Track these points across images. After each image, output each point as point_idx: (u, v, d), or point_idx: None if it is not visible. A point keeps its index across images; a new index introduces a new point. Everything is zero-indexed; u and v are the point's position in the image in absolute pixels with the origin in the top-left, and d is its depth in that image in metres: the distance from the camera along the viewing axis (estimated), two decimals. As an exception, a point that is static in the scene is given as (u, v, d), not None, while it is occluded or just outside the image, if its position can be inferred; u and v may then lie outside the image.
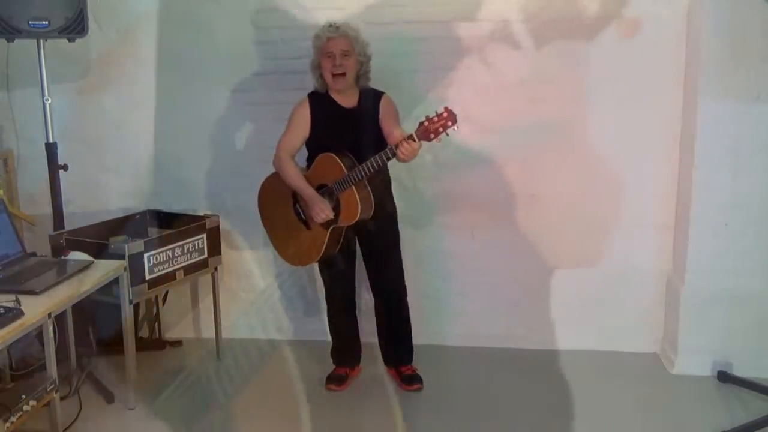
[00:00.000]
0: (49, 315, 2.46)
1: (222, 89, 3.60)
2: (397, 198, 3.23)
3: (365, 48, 3.02)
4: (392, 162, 2.86)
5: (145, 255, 3.07)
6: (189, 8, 3.53)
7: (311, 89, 3.48)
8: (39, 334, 2.64)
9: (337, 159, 2.94)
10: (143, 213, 3.61)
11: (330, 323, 3.33)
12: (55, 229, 3.27)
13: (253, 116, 3.61)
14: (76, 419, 2.92)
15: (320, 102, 3.05)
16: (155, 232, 3.49)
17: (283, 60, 3.52)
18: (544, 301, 3.60)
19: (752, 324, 3.24)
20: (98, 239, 3.13)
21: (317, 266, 3.30)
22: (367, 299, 3.44)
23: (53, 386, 2.52)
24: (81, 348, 3.32)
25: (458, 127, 2.68)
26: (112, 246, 3.03)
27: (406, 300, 3.27)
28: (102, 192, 3.77)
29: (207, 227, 3.38)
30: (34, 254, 3.16)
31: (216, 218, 3.45)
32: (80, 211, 3.70)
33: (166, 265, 3.18)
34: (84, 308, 3.27)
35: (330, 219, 2.97)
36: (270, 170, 3.66)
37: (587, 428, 2.90)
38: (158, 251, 3.14)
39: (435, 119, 2.68)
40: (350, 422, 2.99)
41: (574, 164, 3.44)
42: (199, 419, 3.01)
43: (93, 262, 2.91)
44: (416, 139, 2.70)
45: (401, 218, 3.24)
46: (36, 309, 2.41)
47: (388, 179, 3.16)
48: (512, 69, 3.40)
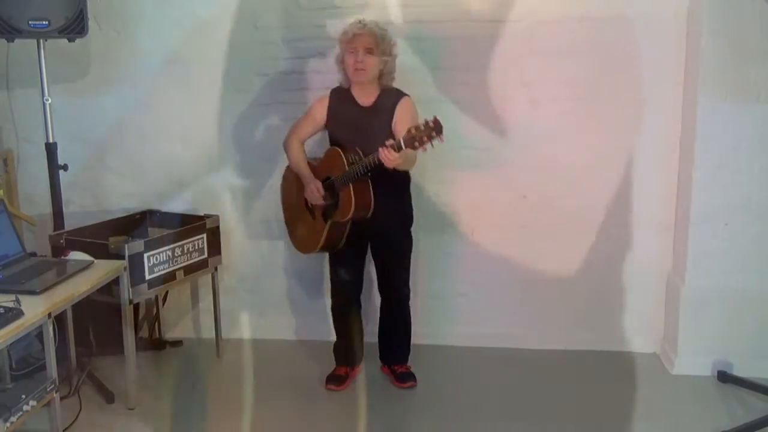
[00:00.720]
0: (49, 315, 2.45)
1: (222, 89, 3.60)
2: (397, 198, 3.23)
3: (391, 47, 3.02)
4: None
5: (145, 255, 3.07)
6: (189, 8, 3.53)
7: (311, 89, 3.50)
8: (39, 334, 2.64)
9: (341, 154, 2.97)
10: (143, 213, 3.61)
11: (334, 321, 3.34)
12: (55, 229, 3.27)
13: (254, 116, 3.61)
14: (76, 419, 2.92)
15: (340, 97, 3.09)
16: (155, 232, 3.48)
17: (283, 60, 3.52)
18: (544, 301, 3.60)
19: (752, 324, 3.24)
20: (98, 239, 3.13)
21: (327, 265, 3.33)
22: (376, 300, 3.43)
23: (53, 386, 2.52)
24: (81, 348, 3.32)
25: (443, 139, 2.64)
26: (112, 246, 3.03)
27: (408, 303, 3.28)
28: (102, 192, 3.77)
29: (207, 227, 3.38)
30: (34, 254, 3.16)
31: (216, 218, 3.45)
32: (80, 211, 3.70)
33: (166, 265, 3.18)
34: (84, 308, 3.27)
35: (325, 205, 3.04)
36: (270, 168, 3.67)
37: (587, 428, 2.90)
38: (158, 251, 3.14)
39: (422, 128, 2.64)
40: (350, 422, 2.98)
41: (574, 164, 3.44)
42: (199, 419, 3.01)
43: (93, 262, 2.91)
44: (403, 146, 2.68)
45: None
46: (36, 309, 2.41)
47: (407, 179, 3.14)
48: (512, 69, 3.40)
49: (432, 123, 2.63)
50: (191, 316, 3.85)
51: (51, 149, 3.24)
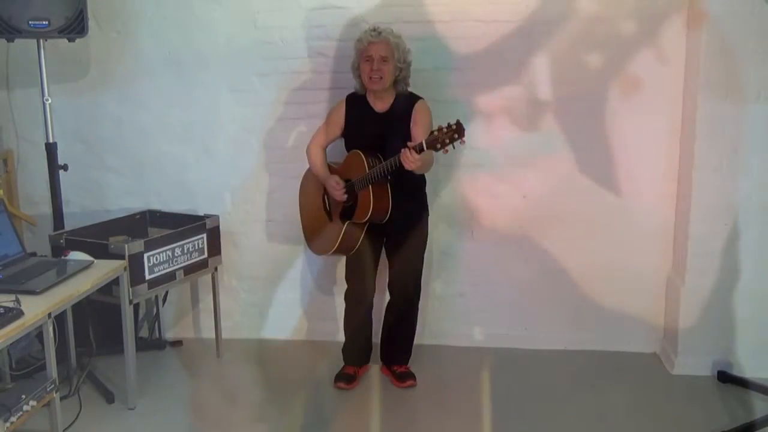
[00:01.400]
0: (49, 315, 2.46)
1: (222, 89, 3.60)
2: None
3: (406, 54, 3.04)
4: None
5: (145, 255, 3.07)
6: (189, 8, 3.53)
7: (311, 89, 3.50)
8: (39, 334, 2.64)
9: (363, 157, 3.00)
10: (143, 213, 3.61)
11: (345, 320, 3.34)
12: (55, 229, 3.27)
13: (254, 116, 3.61)
14: (76, 419, 2.92)
15: (356, 104, 3.12)
16: (155, 232, 3.48)
17: (283, 60, 3.52)
18: (544, 301, 3.60)
19: (752, 324, 3.24)
20: (98, 239, 3.13)
21: (337, 265, 3.33)
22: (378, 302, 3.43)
23: (53, 386, 2.52)
24: (81, 348, 3.32)
25: (465, 142, 2.71)
26: (112, 246, 3.03)
27: (418, 304, 3.29)
28: (102, 192, 3.77)
29: (207, 227, 3.38)
30: (34, 254, 3.16)
31: (216, 218, 3.45)
32: (80, 211, 3.70)
33: (166, 265, 3.18)
34: (84, 308, 3.27)
35: (348, 205, 3.07)
36: (271, 168, 3.67)
37: (587, 428, 2.90)
38: (158, 251, 3.14)
39: (444, 130, 2.70)
40: (349, 422, 2.99)
41: (575, 164, 3.44)
42: (199, 419, 3.01)
43: (93, 262, 2.91)
44: (425, 148, 2.73)
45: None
46: (36, 309, 2.41)
47: (423, 181, 3.17)
48: (512, 69, 3.40)
49: (454, 125, 2.68)
50: (191, 316, 3.85)
51: (51, 149, 3.25)
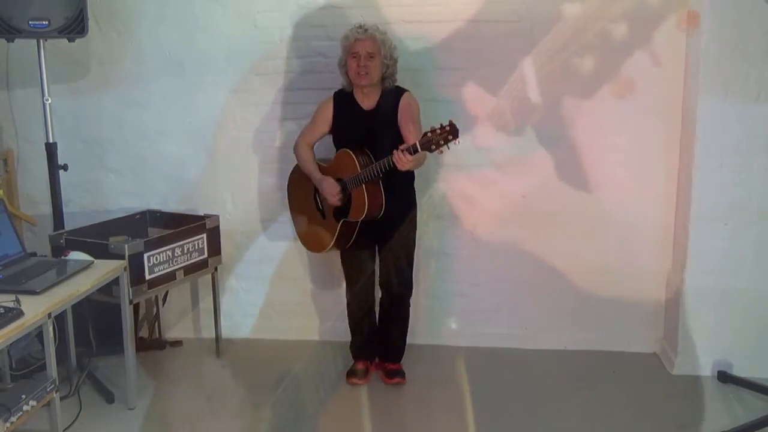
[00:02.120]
0: (49, 315, 2.46)
1: (222, 89, 3.60)
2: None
3: (392, 51, 3.05)
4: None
5: (145, 255, 3.07)
6: (189, 8, 3.53)
7: (311, 89, 3.50)
8: (39, 334, 2.64)
9: (353, 156, 3.00)
10: (143, 213, 3.61)
11: (349, 318, 3.35)
12: (55, 229, 3.27)
13: (253, 116, 3.61)
14: (76, 419, 2.92)
15: (343, 101, 3.12)
16: (155, 232, 3.48)
17: (283, 60, 3.52)
18: (544, 301, 3.60)
19: (752, 324, 3.24)
20: (98, 239, 3.13)
21: (337, 265, 3.33)
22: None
23: (53, 386, 2.52)
24: (81, 348, 3.32)
25: (459, 142, 2.72)
26: (112, 246, 3.03)
27: (409, 300, 3.29)
28: (102, 192, 3.77)
29: (207, 227, 3.38)
30: (34, 254, 3.16)
31: (216, 218, 3.45)
32: (80, 211, 3.70)
33: (166, 265, 3.18)
34: (84, 308, 3.27)
35: (340, 205, 3.06)
36: (271, 168, 3.66)
37: (587, 428, 2.90)
38: (158, 251, 3.14)
39: (438, 131, 2.71)
40: (349, 423, 2.99)
41: (575, 164, 3.44)
42: (199, 419, 3.01)
43: (93, 262, 2.91)
44: (419, 149, 2.74)
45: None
46: (36, 309, 2.41)
47: (412, 177, 3.19)
48: (512, 69, 3.40)
49: (448, 126, 2.70)
50: (191, 316, 3.85)
51: (51, 149, 3.24)
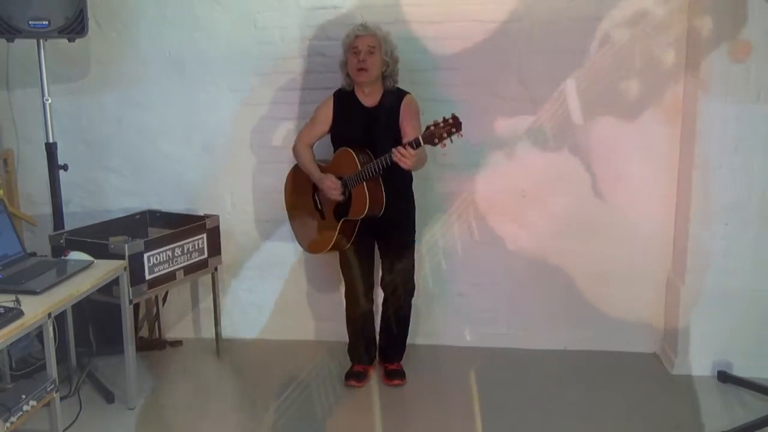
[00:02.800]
0: (49, 315, 2.46)
1: (222, 89, 3.60)
2: (398, 198, 3.23)
3: (393, 49, 3.06)
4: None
5: (145, 255, 3.07)
6: (189, 8, 3.53)
7: (311, 89, 3.50)
8: (39, 334, 2.64)
9: (353, 154, 3.00)
10: (143, 213, 3.61)
11: (348, 320, 3.34)
12: (55, 229, 3.27)
13: (253, 116, 3.61)
14: (76, 419, 2.92)
15: (344, 99, 3.12)
16: (155, 232, 3.48)
17: (283, 60, 3.52)
18: (544, 301, 3.60)
19: (752, 324, 3.24)
20: (98, 239, 3.13)
21: (337, 265, 3.32)
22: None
23: (53, 386, 2.52)
24: (81, 348, 3.32)
25: (462, 135, 2.73)
26: (112, 246, 3.03)
27: (411, 300, 3.29)
28: (102, 192, 3.77)
29: (207, 227, 3.38)
30: (34, 254, 3.16)
31: (216, 218, 3.45)
32: (80, 211, 3.70)
33: (166, 265, 3.18)
34: (84, 308, 3.27)
35: (342, 200, 3.05)
36: (271, 168, 3.66)
37: (587, 428, 2.90)
38: (158, 251, 3.14)
39: (441, 125, 2.73)
40: (349, 423, 2.99)
41: (575, 164, 3.44)
42: (199, 419, 3.01)
43: (93, 262, 2.91)
44: (421, 143, 2.75)
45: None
46: (36, 309, 2.41)
47: (410, 177, 3.19)
48: (512, 69, 3.40)
49: (451, 119, 2.72)
50: (191, 316, 3.85)
51: (51, 149, 3.25)
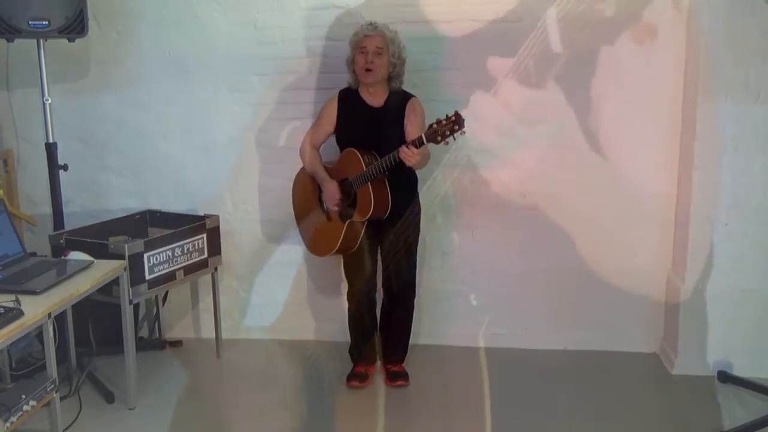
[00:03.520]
0: (49, 315, 2.46)
1: (222, 89, 3.60)
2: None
3: (400, 50, 3.06)
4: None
5: (145, 255, 3.07)
6: (189, 8, 3.53)
7: (311, 89, 3.50)
8: (39, 334, 2.64)
9: (358, 154, 2.99)
10: (143, 213, 3.61)
11: (350, 320, 3.33)
12: (55, 229, 3.27)
13: (254, 116, 3.61)
14: (76, 419, 2.92)
15: (349, 99, 3.11)
16: (155, 232, 3.48)
17: (283, 60, 3.52)
18: (544, 301, 3.60)
19: (752, 324, 3.24)
20: (98, 239, 3.13)
21: (337, 265, 3.31)
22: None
23: (53, 386, 2.52)
24: (81, 348, 3.32)
25: (465, 132, 2.74)
26: (112, 246, 3.03)
27: (414, 301, 3.29)
28: (102, 192, 3.77)
29: (207, 227, 3.38)
30: (34, 254, 3.16)
31: (216, 218, 3.45)
32: (80, 211, 3.70)
33: (166, 265, 3.18)
34: (84, 308, 3.27)
35: (341, 205, 3.05)
36: (271, 168, 3.66)
37: (587, 428, 2.90)
38: (158, 251, 3.14)
39: (443, 122, 2.73)
40: (349, 423, 2.99)
41: (575, 164, 3.44)
42: (199, 419, 3.01)
43: (93, 262, 2.91)
44: (424, 141, 2.76)
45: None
46: (36, 309, 2.41)
47: (415, 179, 3.19)
48: (513, 69, 3.40)
49: (453, 117, 2.72)
50: (191, 316, 3.85)
51: (51, 149, 3.25)
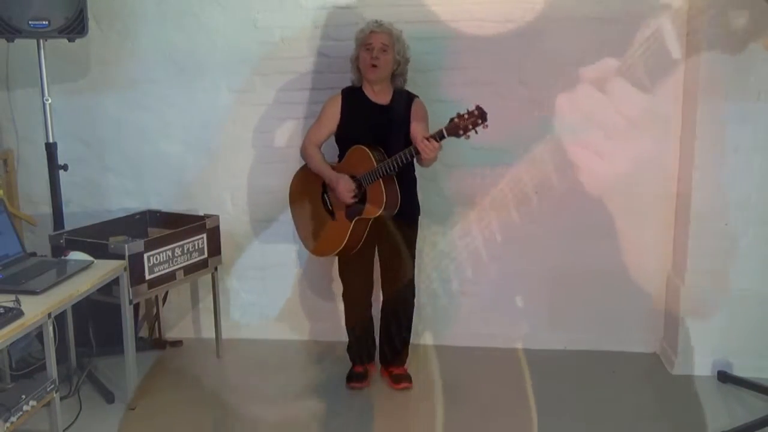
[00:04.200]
0: (49, 315, 2.46)
1: (222, 89, 3.60)
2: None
3: (405, 49, 3.06)
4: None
5: (145, 255, 3.07)
6: (189, 8, 3.53)
7: (312, 89, 3.50)
8: (39, 334, 2.64)
9: (368, 151, 2.97)
10: (143, 213, 3.61)
11: (347, 321, 3.33)
12: (55, 229, 3.27)
13: (253, 116, 3.61)
14: (76, 419, 2.92)
15: (353, 96, 3.10)
16: (155, 232, 3.48)
17: (283, 60, 3.52)
18: (544, 301, 3.60)
19: (752, 324, 3.24)
20: (98, 239, 3.13)
21: (336, 264, 3.30)
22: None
23: (53, 386, 2.52)
24: (81, 348, 3.32)
25: (488, 126, 2.72)
26: (112, 246, 3.03)
27: (413, 302, 3.28)
28: (102, 192, 3.77)
29: (207, 227, 3.38)
30: (34, 254, 3.16)
31: (216, 218, 3.45)
32: (80, 211, 3.70)
33: (166, 265, 3.18)
34: (84, 308, 3.27)
35: (355, 203, 3.01)
36: (271, 168, 3.66)
37: (587, 428, 2.90)
38: (158, 251, 3.14)
39: (465, 116, 2.72)
40: (348, 423, 2.99)
41: (575, 164, 3.44)
42: (199, 419, 3.01)
43: (93, 262, 2.91)
44: (445, 135, 2.75)
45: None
46: (36, 309, 2.41)
47: (415, 182, 3.19)
48: (514, 69, 3.40)
49: (476, 111, 2.71)
50: (191, 316, 3.85)
51: (51, 149, 3.24)
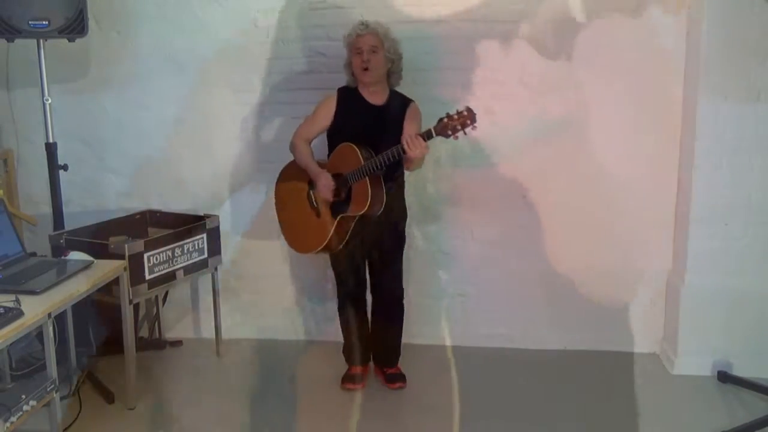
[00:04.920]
0: (49, 315, 2.46)
1: (222, 89, 3.60)
2: (398, 198, 3.23)
3: (395, 46, 3.04)
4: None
5: (145, 255, 3.07)
6: (189, 8, 3.53)
7: (312, 89, 3.50)
8: (39, 334, 2.64)
9: (356, 149, 2.95)
10: (143, 213, 3.61)
11: (341, 321, 3.33)
12: (55, 229, 3.27)
13: (253, 116, 3.61)
14: (76, 419, 2.92)
15: (349, 97, 3.09)
16: (155, 232, 3.48)
17: (283, 60, 3.52)
18: (544, 301, 3.60)
19: (752, 324, 3.25)
20: (98, 239, 3.13)
21: (330, 264, 3.30)
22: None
23: (53, 386, 2.52)
24: (81, 348, 3.32)
25: (476, 127, 2.71)
26: (112, 246, 3.04)
27: (402, 303, 3.27)
28: (102, 192, 3.77)
29: (207, 227, 3.38)
30: (34, 254, 3.16)
31: (216, 218, 3.45)
32: (80, 211, 3.70)
33: (166, 265, 3.18)
34: (84, 308, 3.27)
35: (333, 200, 3.01)
36: (271, 168, 3.65)
37: (587, 428, 2.90)
38: (158, 251, 3.14)
39: (455, 117, 2.71)
40: (345, 422, 2.98)
41: (575, 164, 3.44)
42: (199, 419, 3.01)
43: (93, 262, 2.91)
44: (433, 135, 2.74)
45: (401, 218, 3.24)
46: (36, 309, 2.41)
47: (402, 182, 3.18)
48: (512, 69, 3.40)
49: (465, 111, 2.70)
50: (191, 316, 3.85)
51: (51, 149, 3.25)
